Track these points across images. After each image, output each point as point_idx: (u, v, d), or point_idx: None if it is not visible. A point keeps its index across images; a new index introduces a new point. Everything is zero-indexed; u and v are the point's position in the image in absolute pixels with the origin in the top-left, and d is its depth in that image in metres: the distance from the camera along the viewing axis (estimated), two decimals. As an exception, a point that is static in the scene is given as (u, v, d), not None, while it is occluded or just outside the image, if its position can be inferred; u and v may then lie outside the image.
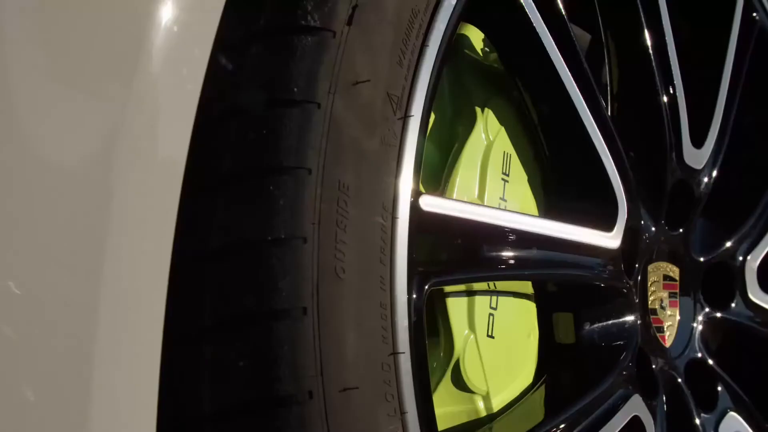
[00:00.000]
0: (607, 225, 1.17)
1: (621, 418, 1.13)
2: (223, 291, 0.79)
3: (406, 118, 0.89)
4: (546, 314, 1.21)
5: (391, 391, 0.83)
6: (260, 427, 0.78)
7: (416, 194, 0.89)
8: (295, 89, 0.82)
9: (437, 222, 0.94)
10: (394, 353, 0.84)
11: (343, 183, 0.82)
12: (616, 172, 1.18)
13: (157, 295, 0.74)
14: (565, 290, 1.21)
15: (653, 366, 1.27)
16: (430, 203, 0.92)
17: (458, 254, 0.98)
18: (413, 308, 0.87)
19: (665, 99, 1.31)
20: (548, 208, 1.20)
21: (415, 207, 0.89)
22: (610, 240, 1.17)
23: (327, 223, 0.80)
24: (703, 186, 1.40)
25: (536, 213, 1.20)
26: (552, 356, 1.20)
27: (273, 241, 0.78)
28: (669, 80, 1.31)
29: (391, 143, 0.87)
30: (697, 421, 1.31)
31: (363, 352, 0.81)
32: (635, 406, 1.16)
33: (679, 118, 1.32)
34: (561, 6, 1.14)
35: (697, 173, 1.38)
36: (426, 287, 0.91)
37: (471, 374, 1.06)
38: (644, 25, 1.29)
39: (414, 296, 0.88)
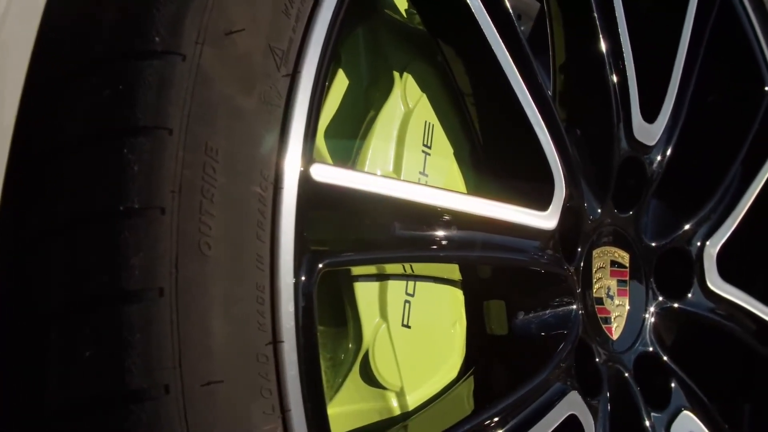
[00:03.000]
0: (541, 203, 1.06)
1: (554, 417, 1.03)
2: (68, 271, 0.73)
3: (295, 74, 0.80)
4: (476, 302, 1.11)
5: (269, 385, 0.76)
6: (110, 425, 0.71)
7: (307, 163, 0.79)
8: (157, 38, 0.75)
9: (334, 195, 0.85)
10: (274, 342, 0.75)
11: (210, 146, 0.74)
12: (552, 145, 1.07)
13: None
14: (496, 276, 1.10)
15: (596, 360, 1.16)
16: (325, 174, 0.83)
17: (360, 232, 0.88)
18: (301, 292, 0.79)
19: (612, 69, 1.20)
20: (477, 184, 1.09)
21: (305, 177, 0.81)
22: (544, 220, 1.06)
23: (190, 191, 0.73)
24: (656, 164, 1.29)
25: (463, 189, 1.09)
26: (482, 348, 1.09)
27: (125, 211, 0.72)
28: (617, 48, 1.21)
29: (274, 102, 0.78)
30: (647, 422, 1.20)
31: (232, 341, 0.74)
32: (572, 404, 1.06)
33: (627, 90, 1.21)
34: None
35: (649, 150, 1.27)
36: (319, 268, 0.80)
37: (382, 367, 0.96)
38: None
39: (303, 278, 0.80)
